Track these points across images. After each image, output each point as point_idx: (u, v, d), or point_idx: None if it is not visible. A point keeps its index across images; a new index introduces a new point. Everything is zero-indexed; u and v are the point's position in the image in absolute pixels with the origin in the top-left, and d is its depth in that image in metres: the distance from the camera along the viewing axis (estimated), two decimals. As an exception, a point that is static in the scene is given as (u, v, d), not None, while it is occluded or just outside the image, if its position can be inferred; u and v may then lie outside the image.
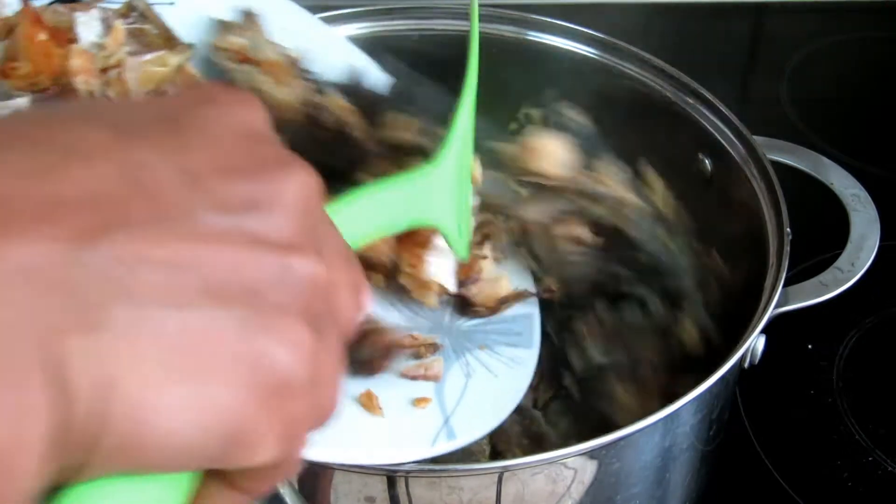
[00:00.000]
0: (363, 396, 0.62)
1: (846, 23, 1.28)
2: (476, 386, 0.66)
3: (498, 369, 0.68)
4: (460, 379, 0.66)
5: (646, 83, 0.84)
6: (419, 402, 0.63)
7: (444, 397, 0.64)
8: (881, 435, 0.84)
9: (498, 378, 0.67)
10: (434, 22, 0.89)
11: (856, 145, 1.08)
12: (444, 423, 0.62)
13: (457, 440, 0.61)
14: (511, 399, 0.66)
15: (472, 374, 0.67)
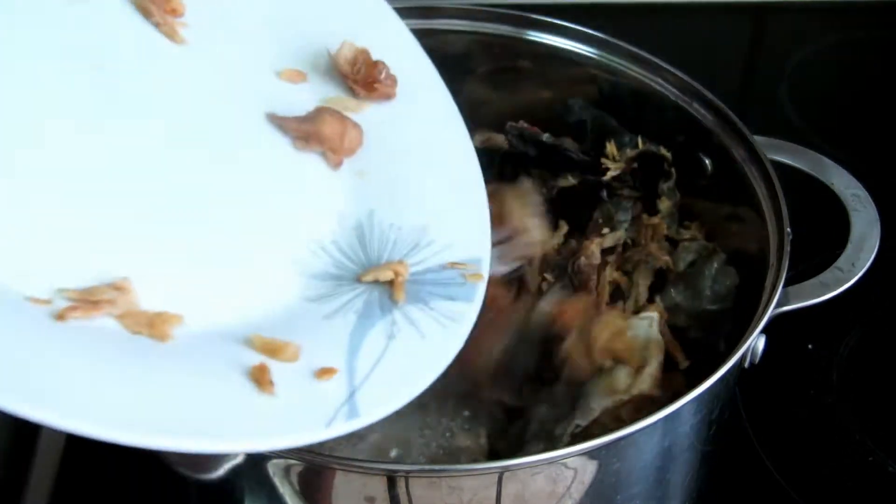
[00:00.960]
0: (255, 369, 0.55)
1: (846, 23, 1.28)
2: (398, 349, 0.60)
3: (428, 328, 0.61)
4: (380, 341, 0.60)
5: (646, 83, 0.84)
6: (323, 374, 0.56)
7: (357, 365, 0.58)
8: (881, 435, 0.84)
9: (425, 339, 0.61)
10: (434, 22, 0.89)
11: (856, 145, 1.08)
12: (348, 399, 0.55)
13: (359, 419, 0.55)
14: (434, 366, 0.59)
15: (396, 334, 0.60)
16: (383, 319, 0.61)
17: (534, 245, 0.78)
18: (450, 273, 0.65)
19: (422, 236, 0.66)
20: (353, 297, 0.62)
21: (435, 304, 0.62)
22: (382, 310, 0.61)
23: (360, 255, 0.65)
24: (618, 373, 0.70)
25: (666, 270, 0.78)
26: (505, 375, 0.74)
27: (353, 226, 0.66)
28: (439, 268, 0.65)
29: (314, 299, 0.62)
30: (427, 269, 0.65)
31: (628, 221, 0.79)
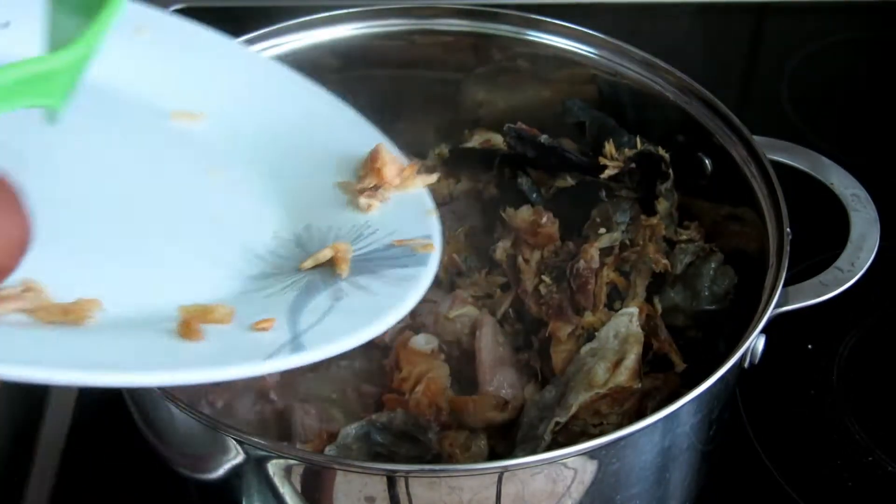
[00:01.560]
0: (182, 325, 0.55)
1: (846, 23, 1.28)
2: (345, 306, 0.60)
3: (379, 288, 0.62)
4: (326, 303, 0.60)
5: (646, 83, 0.84)
6: (260, 325, 0.57)
7: (300, 320, 0.58)
8: (881, 435, 0.84)
9: (377, 296, 0.61)
10: (434, 22, 0.89)
11: (856, 145, 1.08)
12: (291, 340, 0.55)
13: (306, 353, 0.55)
14: (389, 312, 0.59)
15: (343, 297, 0.61)
16: (329, 289, 0.61)
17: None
18: (398, 249, 0.66)
19: (363, 230, 0.68)
20: (295, 281, 0.63)
21: (384, 272, 0.63)
22: (326, 283, 0.62)
23: (300, 254, 0.66)
24: (596, 368, 0.70)
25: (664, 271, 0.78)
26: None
27: (289, 238, 0.68)
28: (386, 247, 0.66)
29: (253, 290, 0.62)
30: (374, 250, 0.66)
31: (626, 222, 0.79)
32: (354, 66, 0.88)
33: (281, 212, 0.70)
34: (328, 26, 0.87)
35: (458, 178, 0.88)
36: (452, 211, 0.86)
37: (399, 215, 0.69)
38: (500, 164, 0.83)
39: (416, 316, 0.80)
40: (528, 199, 0.80)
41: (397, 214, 0.69)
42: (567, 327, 0.74)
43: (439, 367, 0.73)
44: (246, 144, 0.74)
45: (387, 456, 0.67)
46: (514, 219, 0.79)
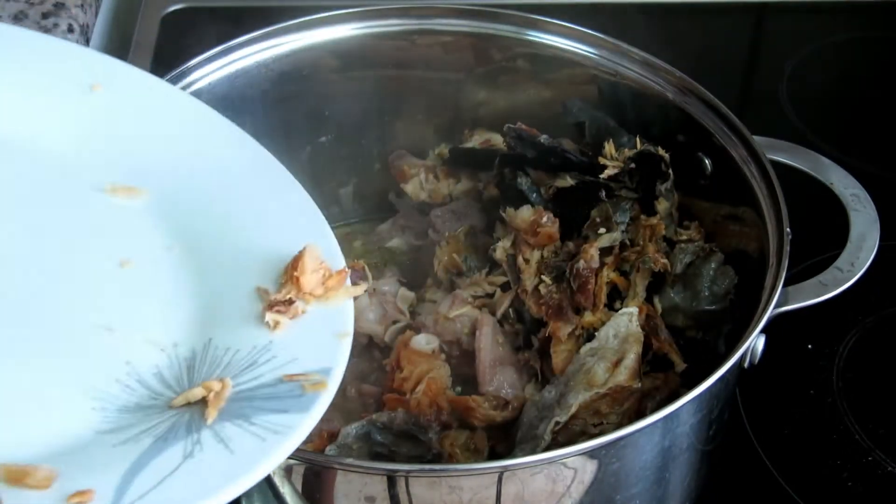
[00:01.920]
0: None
1: (846, 23, 1.28)
2: (192, 468, 0.55)
3: (240, 444, 0.56)
4: (174, 461, 0.55)
5: (646, 83, 0.84)
6: (76, 497, 0.52)
7: (132, 485, 0.53)
8: (881, 435, 0.84)
9: (233, 455, 0.55)
10: (434, 22, 0.89)
11: (856, 145, 1.08)
12: None
13: None
14: (236, 482, 0.54)
15: (196, 453, 0.55)
16: (186, 439, 0.57)
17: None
18: (287, 386, 0.60)
19: (262, 354, 0.62)
20: (159, 423, 0.58)
21: (260, 418, 0.58)
22: (189, 430, 0.57)
23: (185, 383, 0.61)
24: (596, 367, 0.70)
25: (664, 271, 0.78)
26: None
27: (185, 356, 0.63)
28: (275, 381, 0.60)
29: (109, 431, 0.58)
30: (260, 385, 0.60)
31: (626, 222, 0.79)
32: (354, 66, 0.88)
33: (190, 317, 0.65)
34: (328, 26, 0.87)
35: (458, 178, 0.88)
36: (452, 211, 0.86)
37: (306, 338, 0.63)
38: (499, 164, 0.83)
39: (416, 316, 0.80)
40: (528, 199, 0.80)
41: (305, 336, 0.63)
42: (567, 327, 0.74)
43: (440, 367, 0.73)
44: (177, 229, 0.69)
45: (387, 455, 0.67)
46: (514, 219, 0.79)
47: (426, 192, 0.88)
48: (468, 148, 0.88)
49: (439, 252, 0.83)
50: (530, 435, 0.70)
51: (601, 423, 0.70)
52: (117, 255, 0.67)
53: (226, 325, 0.64)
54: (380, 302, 0.80)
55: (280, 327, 0.63)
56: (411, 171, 0.88)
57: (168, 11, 1.20)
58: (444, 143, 0.90)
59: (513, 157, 0.82)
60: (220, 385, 0.59)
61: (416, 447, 0.67)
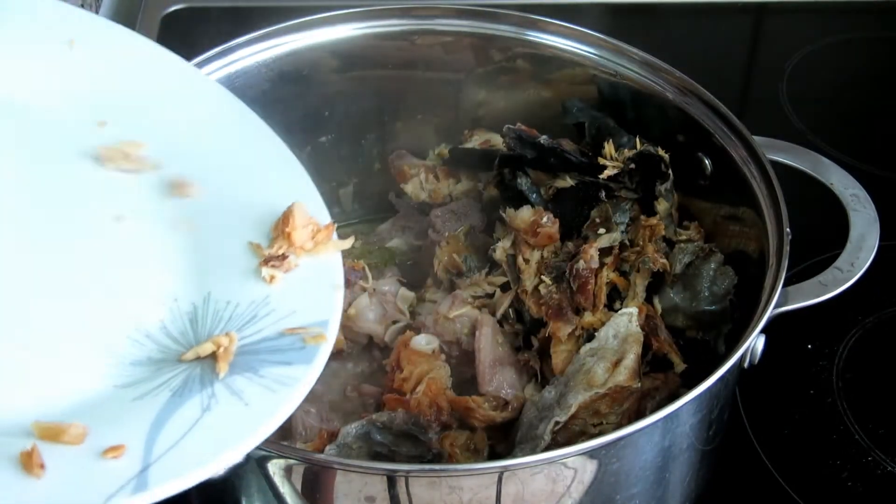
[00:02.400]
0: (24, 455, 0.53)
1: (846, 23, 1.28)
2: (211, 421, 0.57)
3: (252, 396, 0.59)
4: (193, 414, 0.57)
5: (646, 83, 0.84)
6: (110, 452, 0.54)
7: (157, 440, 0.55)
8: (881, 435, 0.84)
9: (248, 407, 0.58)
10: (434, 22, 0.89)
11: (856, 145, 1.08)
12: (138, 474, 0.53)
13: (148, 492, 0.52)
14: (256, 432, 0.57)
15: (213, 406, 0.58)
16: (201, 393, 0.59)
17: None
18: (289, 339, 0.62)
19: (261, 308, 0.64)
20: (172, 377, 0.60)
21: (267, 370, 0.60)
22: (203, 384, 0.60)
23: (190, 336, 0.63)
24: (596, 368, 0.70)
25: (663, 272, 0.78)
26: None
27: (187, 310, 0.65)
28: (277, 335, 0.63)
29: (127, 385, 0.60)
30: (263, 338, 0.63)
31: (626, 223, 0.79)
32: (354, 66, 0.88)
33: (186, 272, 0.66)
34: (328, 26, 0.87)
35: (458, 178, 0.88)
36: (452, 211, 0.86)
37: (301, 291, 0.66)
38: (499, 165, 0.83)
39: (416, 316, 0.80)
40: (527, 199, 0.80)
41: (300, 290, 0.66)
42: (567, 327, 0.74)
43: (440, 368, 0.73)
44: (170, 183, 0.70)
45: (387, 455, 0.67)
46: (514, 219, 0.79)
47: (426, 192, 0.88)
48: (468, 148, 0.88)
49: (439, 252, 0.83)
50: (530, 435, 0.70)
51: (601, 424, 0.70)
52: (111, 211, 0.68)
53: (222, 279, 0.66)
54: (380, 302, 0.80)
55: (275, 281, 0.65)
56: (411, 171, 0.88)
57: (168, 11, 1.20)
58: (444, 143, 0.90)
59: (512, 157, 0.82)
60: (227, 339, 0.61)
61: (416, 447, 0.67)
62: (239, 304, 0.65)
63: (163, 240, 0.68)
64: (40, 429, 0.55)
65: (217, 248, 0.68)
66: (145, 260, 0.67)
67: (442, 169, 0.88)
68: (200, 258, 0.67)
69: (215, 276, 0.66)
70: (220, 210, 0.69)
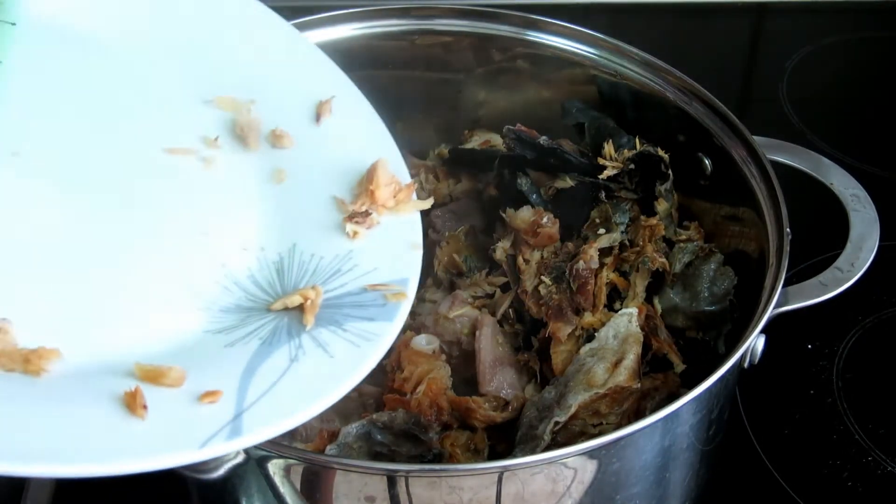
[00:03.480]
0: (128, 395, 0.55)
1: (846, 23, 1.29)
2: (299, 371, 0.59)
3: (337, 349, 0.60)
4: (282, 364, 0.59)
5: (646, 83, 0.84)
6: (207, 397, 0.56)
7: (249, 387, 0.57)
8: (881, 435, 0.84)
9: (333, 360, 0.60)
10: (434, 22, 0.89)
11: (856, 145, 1.08)
12: (232, 420, 0.55)
13: (242, 438, 0.54)
14: (339, 385, 0.58)
15: (301, 357, 0.59)
16: (289, 343, 0.61)
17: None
18: (371, 295, 0.64)
19: (344, 263, 0.66)
20: (261, 325, 0.62)
21: (350, 325, 0.62)
22: (290, 335, 0.61)
23: (277, 286, 0.65)
24: (596, 368, 0.70)
25: (664, 272, 0.78)
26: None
27: (273, 260, 0.66)
28: (360, 290, 0.65)
29: (218, 331, 0.62)
30: (346, 293, 0.64)
31: (626, 223, 0.79)
32: (354, 66, 0.88)
33: (272, 222, 0.68)
34: (328, 26, 0.87)
35: (458, 178, 0.88)
36: (452, 211, 0.86)
37: (383, 248, 0.68)
38: (499, 165, 0.83)
39: (416, 316, 0.80)
40: (527, 199, 0.80)
41: (381, 246, 0.68)
42: (567, 328, 0.74)
43: (441, 368, 0.73)
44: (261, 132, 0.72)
45: (388, 455, 0.67)
46: (514, 219, 0.79)
47: (426, 192, 0.88)
48: (468, 149, 0.88)
49: (439, 252, 0.83)
50: (530, 435, 0.70)
51: (601, 424, 0.70)
52: (201, 156, 0.70)
53: (307, 232, 0.68)
54: (380, 302, 0.80)
55: (358, 237, 0.68)
56: (411, 172, 0.88)
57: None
58: (444, 144, 0.90)
59: (512, 158, 0.82)
60: (314, 293, 0.63)
61: (417, 447, 0.67)
62: (323, 257, 0.66)
63: (250, 188, 0.70)
64: (142, 370, 0.57)
65: (303, 201, 0.70)
66: (235, 207, 0.69)
67: (442, 169, 0.88)
68: (287, 210, 0.69)
69: (300, 228, 0.68)
70: (307, 164, 0.71)
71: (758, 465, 0.82)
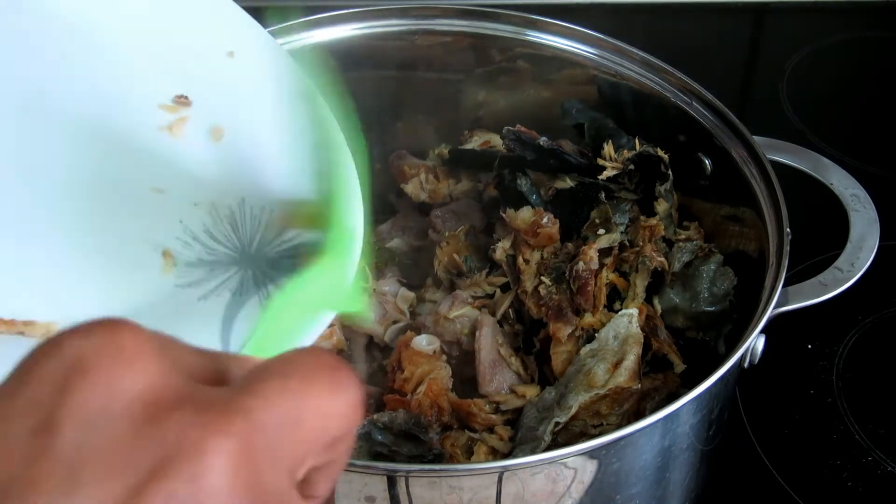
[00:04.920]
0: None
1: (846, 23, 1.28)
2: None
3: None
4: (254, 312, 0.61)
5: (646, 83, 0.84)
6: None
7: (231, 336, 0.59)
8: (881, 435, 0.84)
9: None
10: (434, 22, 0.89)
11: (856, 145, 1.08)
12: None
13: None
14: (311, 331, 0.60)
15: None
16: (258, 293, 0.63)
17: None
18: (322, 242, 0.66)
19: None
20: (228, 278, 0.64)
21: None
22: (257, 285, 0.63)
23: (234, 239, 0.67)
24: (596, 368, 0.70)
25: (663, 272, 0.78)
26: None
27: (225, 214, 0.68)
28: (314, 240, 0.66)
29: (188, 285, 0.64)
30: (301, 243, 0.66)
31: (626, 223, 0.79)
32: (354, 66, 0.88)
33: (218, 178, 0.70)
34: (328, 26, 0.87)
35: (458, 178, 0.88)
36: (452, 211, 0.86)
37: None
38: (499, 166, 0.83)
39: (416, 316, 0.80)
40: (527, 200, 0.80)
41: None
42: (567, 328, 0.74)
43: (441, 368, 0.73)
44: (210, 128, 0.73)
45: (388, 455, 0.67)
46: (514, 220, 0.79)
47: (426, 192, 0.88)
48: (468, 149, 0.88)
49: (439, 252, 0.83)
50: (530, 436, 0.70)
51: (601, 424, 0.70)
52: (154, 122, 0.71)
53: (253, 186, 0.69)
54: (380, 302, 0.80)
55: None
56: (411, 172, 0.88)
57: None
58: (444, 144, 0.90)
59: (512, 158, 0.82)
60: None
61: (417, 447, 0.67)
62: (273, 210, 0.68)
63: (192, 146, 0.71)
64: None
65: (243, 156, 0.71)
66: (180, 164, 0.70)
67: (442, 169, 0.88)
68: (230, 164, 0.71)
69: (246, 182, 0.70)
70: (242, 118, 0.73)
71: (758, 465, 0.82)
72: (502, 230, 0.81)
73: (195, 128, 0.72)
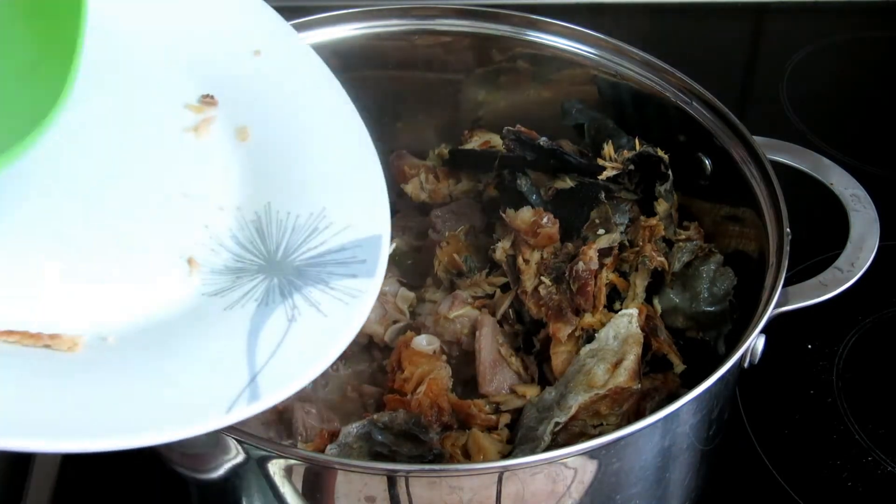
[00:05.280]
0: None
1: (846, 23, 1.29)
2: (299, 331, 0.61)
3: (329, 307, 0.62)
4: (281, 325, 0.61)
5: (646, 83, 0.84)
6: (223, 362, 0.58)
7: (257, 350, 0.59)
8: (881, 435, 0.84)
9: (327, 318, 0.62)
10: (434, 22, 0.89)
11: (856, 145, 1.08)
12: (249, 383, 0.57)
13: (261, 401, 0.56)
14: (337, 343, 0.61)
15: (297, 317, 0.62)
16: (284, 304, 0.63)
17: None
18: (349, 252, 0.67)
19: (319, 221, 0.68)
20: (253, 287, 0.64)
21: (336, 283, 0.64)
22: (283, 295, 0.63)
23: (260, 245, 0.67)
24: (596, 369, 0.70)
25: (663, 272, 0.78)
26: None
27: (251, 219, 0.68)
28: (339, 248, 0.67)
29: (214, 293, 0.63)
30: (328, 251, 0.66)
31: (626, 223, 0.79)
32: (354, 66, 0.88)
33: (244, 181, 0.70)
34: (328, 26, 0.87)
35: (458, 178, 0.88)
36: (452, 211, 0.86)
37: (355, 205, 0.69)
38: (499, 166, 0.83)
39: (416, 316, 0.80)
40: (527, 200, 0.80)
41: (354, 204, 0.69)
42: (567, 328, 0.74)
43: (441, 369, 0.73)
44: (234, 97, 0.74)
45: (388, 455, 0.67)
46: (514, 220, 0.79)
47: (426, 192, 0.88)
48: (468, 149, 0.88)
49: (439, 252, 0.83)
50: (530, 435, 0.70)
51: (601, 424, 0.70)
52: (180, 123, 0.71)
53: (280, 190, 0.70)
54: (380, 302, 0.80)
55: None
56: (411, 171, 0.88)
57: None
58: (444, 144, 0.90)
59: (512, 158, 0.82)
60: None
61: (418, 447, 0.67)
62: (299, 215, 0.68)
63: (222, 150, 0.71)
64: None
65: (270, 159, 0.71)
66: (209, 169, 0.70)
67: (442, 169, 0.88)
68: (257, 168, 0.71)
69: (273, 186, 0.70)
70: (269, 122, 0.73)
71: (758, 465, 0.82)
72: (502, 230, 0.81)
73: (221, 128, 0.72)
